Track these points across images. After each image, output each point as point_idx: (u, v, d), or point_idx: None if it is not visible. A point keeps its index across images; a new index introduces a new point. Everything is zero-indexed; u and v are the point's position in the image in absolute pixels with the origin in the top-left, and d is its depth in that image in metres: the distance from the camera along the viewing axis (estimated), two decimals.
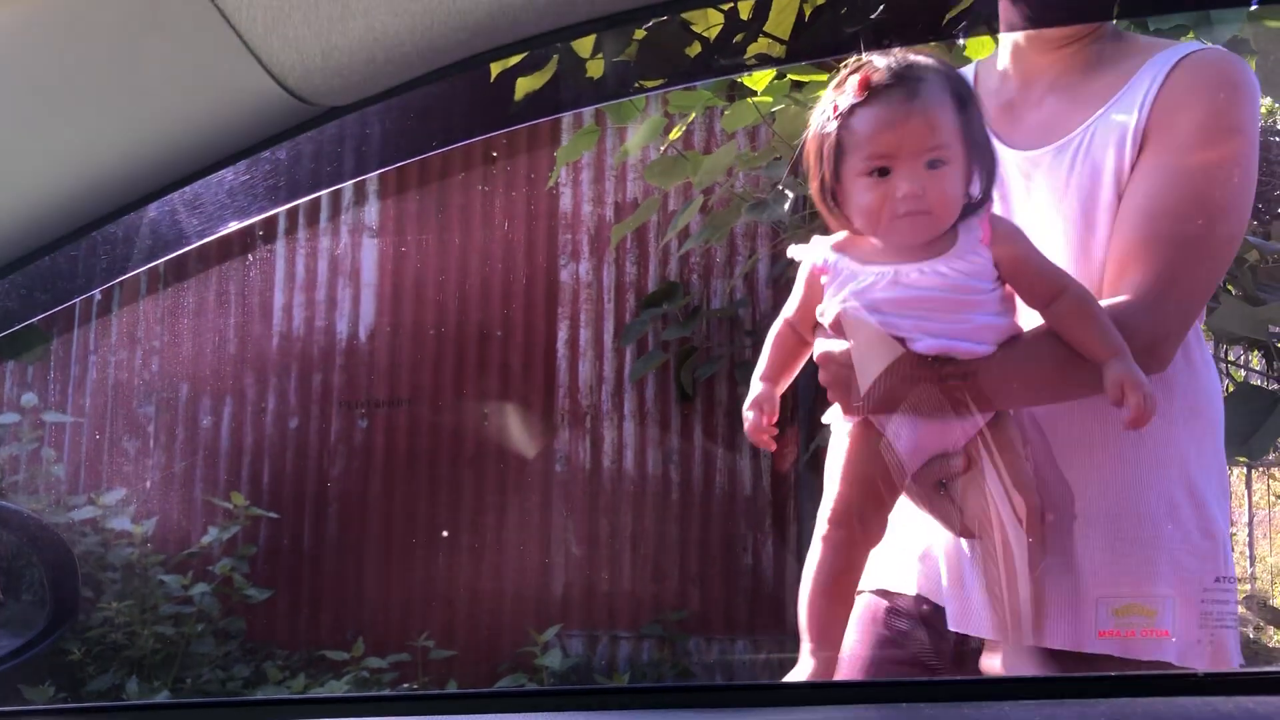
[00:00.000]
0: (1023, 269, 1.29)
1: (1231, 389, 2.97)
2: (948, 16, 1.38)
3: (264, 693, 4.18)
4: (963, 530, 1.30)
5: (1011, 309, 1.29)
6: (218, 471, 5.10)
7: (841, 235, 1.34)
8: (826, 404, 1.38)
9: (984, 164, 1.31)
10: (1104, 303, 1.30)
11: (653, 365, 4.92)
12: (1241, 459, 5.38)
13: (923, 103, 1.26)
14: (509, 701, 1.06)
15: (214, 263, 5.21)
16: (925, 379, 1.25)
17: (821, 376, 1.34)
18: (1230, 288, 3.46)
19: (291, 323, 5.16)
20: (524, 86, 0.95)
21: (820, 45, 1.41)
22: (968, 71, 1.56)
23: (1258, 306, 2.79)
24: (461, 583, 4.97)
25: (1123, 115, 1.39)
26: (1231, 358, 4.26)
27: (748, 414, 1.35)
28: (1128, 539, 1.35)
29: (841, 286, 1.30)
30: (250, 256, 5.21)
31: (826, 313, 1.31)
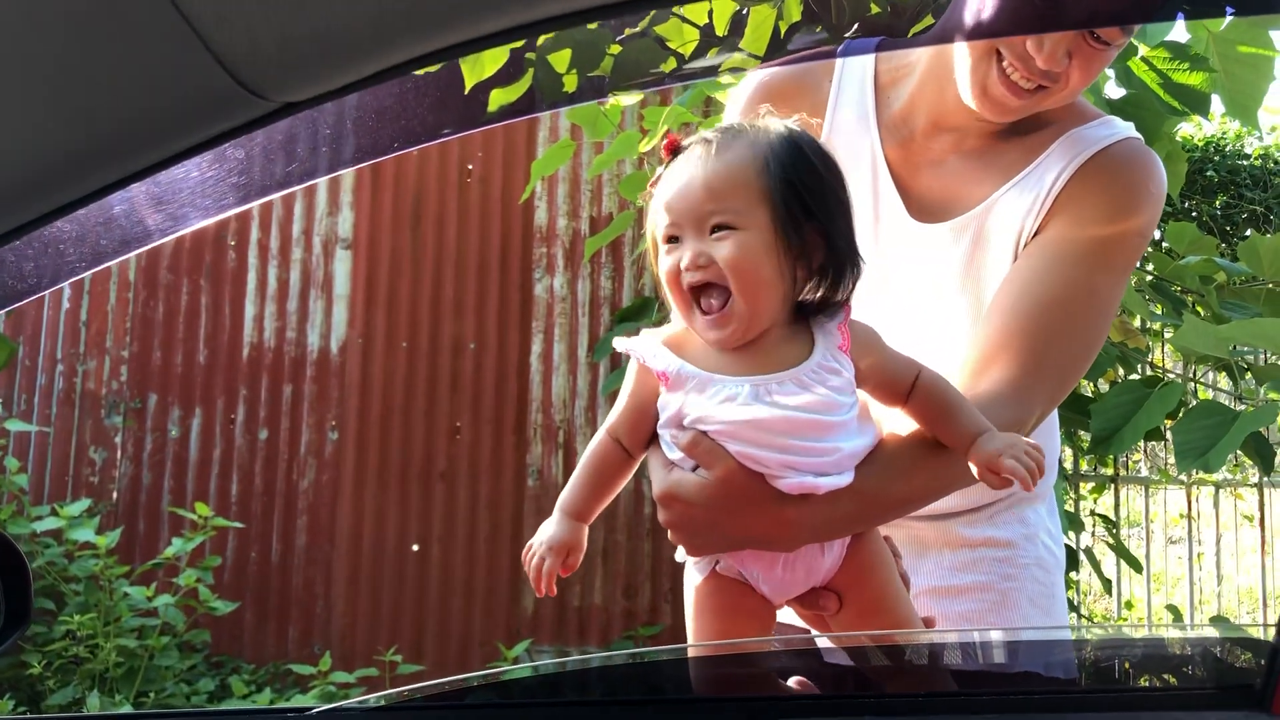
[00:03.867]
0: (883, 374, 1.15)
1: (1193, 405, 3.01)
2: (913, 31, 1.39)
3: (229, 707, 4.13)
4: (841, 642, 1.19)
5: (869, 424, 1.15)
6: (184, 482, 5.05)
7: (676, 329, 1.18)
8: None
9: (830, 248, 1.13)
10: (964, 389, 1.20)
11: None
12: (1207, 478, 5.43)
13: (715, 163, 1.12)
14: (479, 713, 1.05)
15: (184, 272, 5.18)
16: (788, 519, 1.09)
17: (663, 517, 1.14)
18: (1199, 308, 3.50)
19: (262, 333, 5.12)
20: (499, 99, 0.94)
21: (793, 54, 1.41)
22: (867, 61, 1.45)
23: (1221, 325, 2.82)
24: (431, 597, 4.93)
25: (1024, 200, 1.34)
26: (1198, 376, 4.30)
27: (539, 557, 1.13)
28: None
29: (689, 402, 1.11)
30: (221, 266, 5.18)
31: (679, 439, 1.11)
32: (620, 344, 1.18)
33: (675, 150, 1.16)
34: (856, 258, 1.14)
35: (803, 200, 1.11)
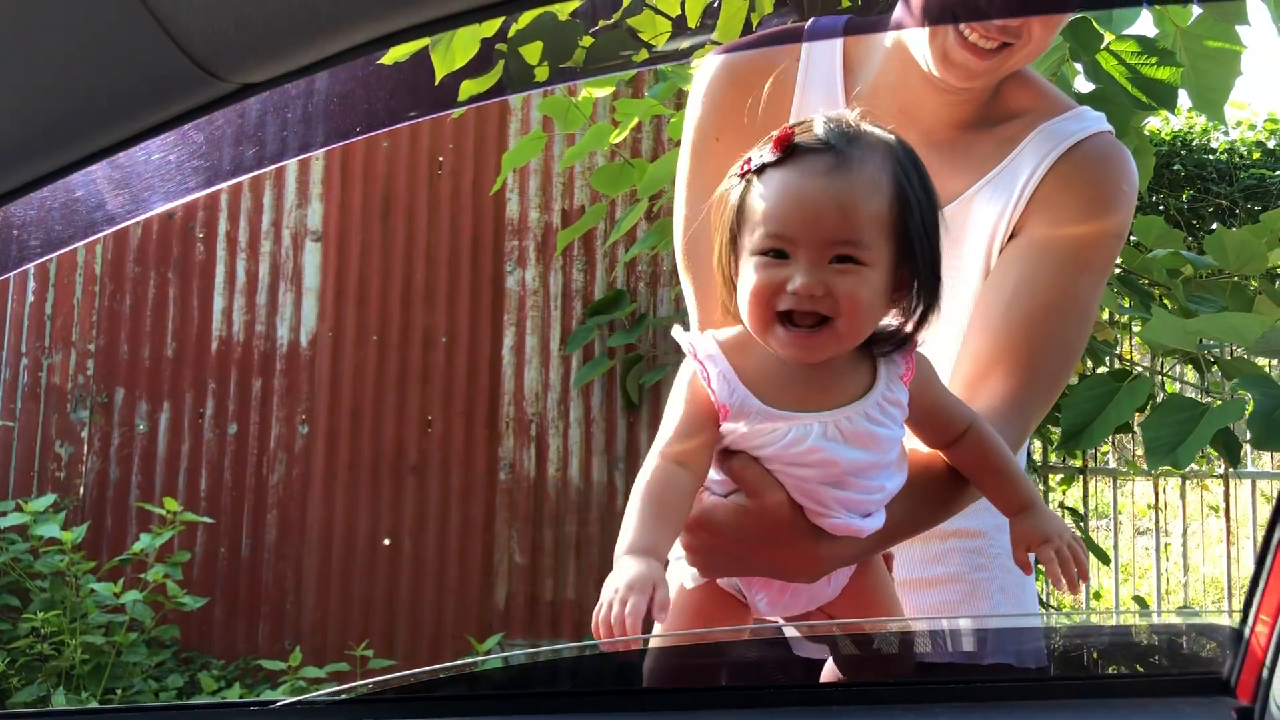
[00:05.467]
0: (935, 411, 1.10)
1: (1162, 399, 3.03)
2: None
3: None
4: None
5: (904, 461, 1.09)
6: (152, 477, 5.00)
7: (734, 332, 1.08)
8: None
9: (922, 286, 1.05)
10: (964, 400, 1.17)
11: (598, 372, 4.91)
12: (1175, 470, 5.49)
13: (847, 179, 1.00)
14: (443, 705, 1.04)
15: (151, 265, 5.12)
16: (820, 556, 1.06)
17: (685, 541, 1.07)
18: (1166, 301, 3.53)
19: (231, 327, 5.07)
20: (470, 89, 0.93)
21: (759, 35, 1.40)
22: (836, 43, 1.39)
23: (1188, 319, 2.85)
24: (403, 591, 4.91)
25: (997, 199, 1.31)
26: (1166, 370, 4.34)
27: (619, 600, 0.95)
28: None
29: (752, 434, 1.03)
30: (189, 259, 5.12)
31: (728, 464, 1.05)
32: (681, 338, 1.08)
33: (789, 145, 1.02)
34: (940, 298, 1.08)
35: (923, 240, 1.04)
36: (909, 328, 1.07)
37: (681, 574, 1.14)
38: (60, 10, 0.51)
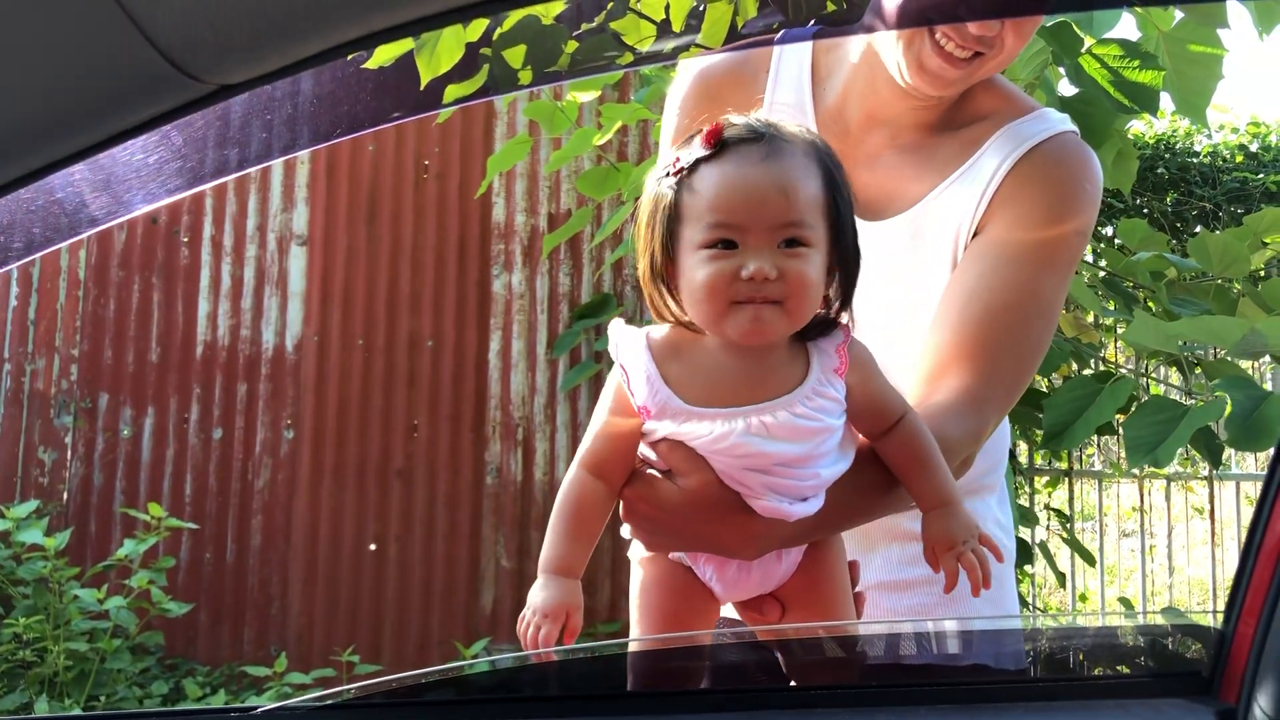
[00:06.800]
0: (871, 402, 1.09)
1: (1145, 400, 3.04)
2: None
3: None
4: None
5: (849, 449, 1.10)
6: (136, 483, 4.97)
7: (667, 330, 1.09)
8: None
9: (847, 267, 1.08)
10: (920, 399, 1.19)
11: (585, 376, 4.91)
12: (1159, 471, 5.51)
13: (784, 165, 1.03)
14: (427, 710, 1.04)
15: (136, 269, 5.09)
16: (755, 533, 1.07)
17: (625, 514, 1.11)
18: (1150, 304, 3.55)
19: (216, 331, 5.05)
20: (454, 93, 0.93)
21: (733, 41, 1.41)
22: (805, 51, 1.41)
23: (1171, 321, 2.86)
24: (389, 596, 4.89)
25: (961, 198, 1.32)
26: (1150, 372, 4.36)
27: (534, 627, 1.03)
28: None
29: (674, 432, 1.06)
30: (173, 263, 5.10)
31: (658, 445, 1.07)
32: (612, 336, 1.09)
33: (720, 139, 1.04)
34: (857, 274, 1.10)
35: (849, 221, 1.07)
36: (833, 313, 1.09)
37: (635, 546, 1.15)
38: (35, 11, 0.51)
